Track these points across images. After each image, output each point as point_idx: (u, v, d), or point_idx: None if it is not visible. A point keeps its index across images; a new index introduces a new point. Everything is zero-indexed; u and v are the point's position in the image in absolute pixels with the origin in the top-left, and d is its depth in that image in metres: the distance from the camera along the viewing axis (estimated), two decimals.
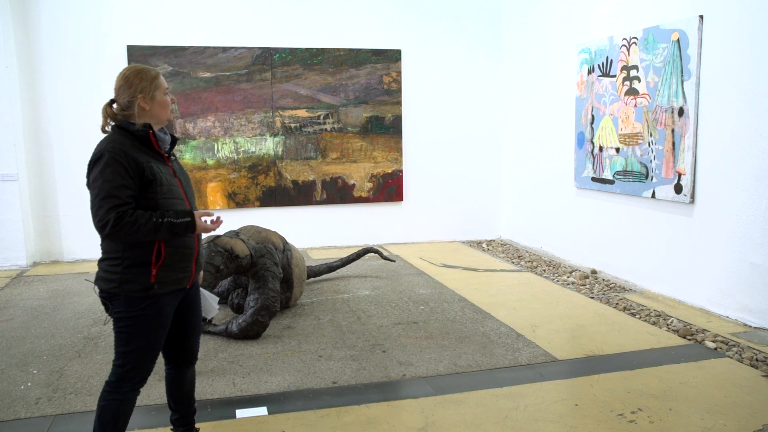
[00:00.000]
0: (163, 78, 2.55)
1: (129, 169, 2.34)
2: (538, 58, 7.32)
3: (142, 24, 7.08)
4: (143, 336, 2.45)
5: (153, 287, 2.41)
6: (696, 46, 4.87)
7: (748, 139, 4.52)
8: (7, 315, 5.06)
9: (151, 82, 2.48)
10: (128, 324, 2.42)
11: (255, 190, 7.55)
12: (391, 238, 8.05)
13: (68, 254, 7.16)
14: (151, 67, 2.57)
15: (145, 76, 2.48)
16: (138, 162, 2.37)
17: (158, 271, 2.42)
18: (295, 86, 7.53)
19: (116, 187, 2.31)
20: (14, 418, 3.24)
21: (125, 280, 2.39)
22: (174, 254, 2.46)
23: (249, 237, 4.80)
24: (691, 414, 3.18)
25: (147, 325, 2.44)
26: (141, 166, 2.37)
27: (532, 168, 7.58)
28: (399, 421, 3.15)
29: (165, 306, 2.48)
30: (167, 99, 2.55)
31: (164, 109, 2.53)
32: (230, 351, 4.17)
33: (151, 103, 2.48)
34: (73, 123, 6.93)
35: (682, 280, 5.22)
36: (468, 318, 4.84)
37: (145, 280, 2.40)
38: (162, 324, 2.49)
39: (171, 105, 2.58)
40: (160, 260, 2.41)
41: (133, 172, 2.35)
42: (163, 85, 2.53)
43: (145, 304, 2.42)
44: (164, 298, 2.47)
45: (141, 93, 2.46)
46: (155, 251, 2.41)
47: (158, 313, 2.46)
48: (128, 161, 2.34)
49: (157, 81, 2.50)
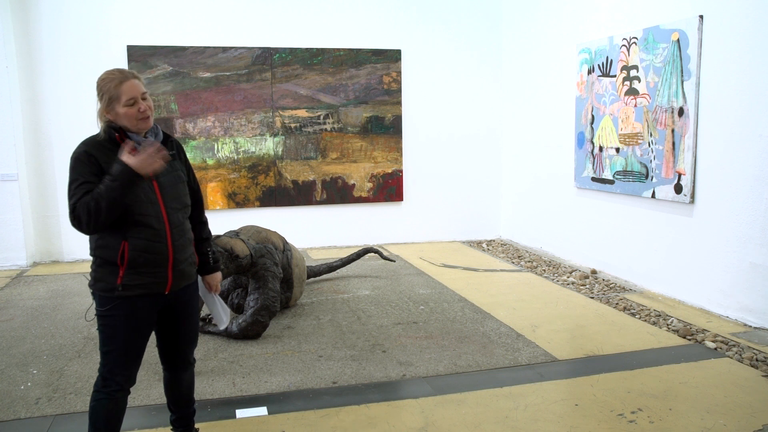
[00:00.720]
0: (131, 85, 2.40)
1: (92, 164, 2.35)
2: (538, 58, 7.32)
3: (142, 24, 7.08)
4: (117, 337, 2.44)
5: (118, 288, 2.40)
6: (696, 46, 4.87)
7: (748, 139, 4.52)
8: (7, 315, 5.06)
9: (109, 93, 2.39)
10: (102, 324, 2.45)
11: (255, 190, 7.55)
12: (391, 238, 8.05)
13: (68, 254, 7.16)
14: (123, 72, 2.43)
15: (105, 86, 2.40)
16: (99, 162, 2.35)
17: (125, 273, 2.40)
18: (295, 86, 7.53)
19: (79, 184, 2.33)
20: (14, 418, 3.24)
21: (97, 278, 2.44)
22: (138, 258, 2.40)
23: (249, 237, 4.79)
24: (691, 414, 3.18)
25: (118, 326, 2.43)
26: (101, 167, 2.35)
27: (532, 168, 7.58)
28: (399, 421, 3.15)
29: (138, 309, 2.45)
30: (130, 110, 2.39)
31: (129, 119, 2.41)
32: (230, 351, 4.17)
33: (113, 114, 2.42)
34: (73, 123, 6.92)
35: (682, 280, 5.22)
36: (468, 318, 4.84)
37: (112, 280, 2.40)
38: (135, 327, 2.46)
39: (140, 114, 2.41)
40: (124, 262, 2.39)
41: (96, 169, 2.35)
42: (124, 95, 2.38)
43: (113, 304, 2.41)
44: (136, 301, 2.44)
45: (101, 103, 2.42)
46: (119, 253, 2.38)
47: (130, 315, 2.43)
48: (90, 159, 2.35)
49: (116, 91, 2.38)
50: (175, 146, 2.65)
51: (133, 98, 2.40)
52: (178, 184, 2.57)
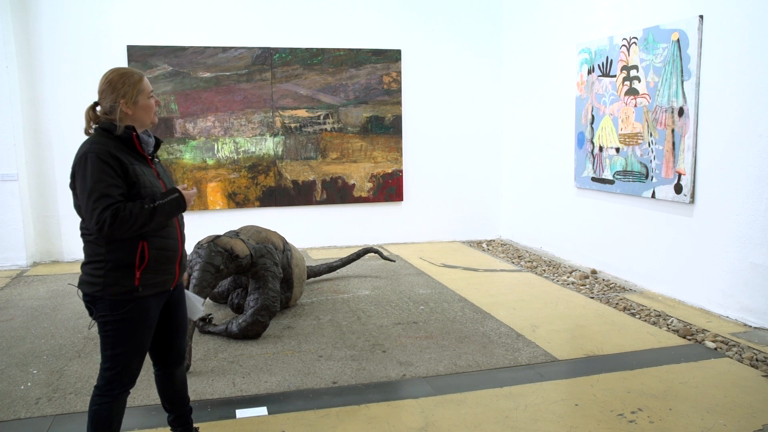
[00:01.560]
0: (147, 81, 2.51)
1: (115, 168, 2.33)
2: (538, 58, 7.32)
3: (142, 24, 7.08)
4: (129, 339, 2.42)
5: (137, 290, 2.39)
6: (696, 46, 4.87)
7: (748, 139, 4.52)
8: (7, 315, 5.06)
9: (134, 87, 2.44)
10: (114, 327, 2.40)
11: (255, 190, 7.55)
12: (391, 238, 8.05)
13: (68, 254, 7.16)
14: (136, 70, 2.52)
15: (128, 80, 2.44)
16: (122, 162, 2.35)
17: (142, 274, 2.39)
18: (295, 86, 7.53)
19: (107, 186, 2.30)
20: (14, 418, 3.24)
21: (109, 283, 2.37)
22: (157, 256, 2.44)
23: (249, 237, 4.79)
24: (691, 414, 3.18)
25: (132, 327, 2.42)
26: (125, 167, 2.36)
27: (532, 168, 7.58)
28: (399, 421, 3.15)
29: (150, 308, 2.46)
30: (151, 102, 2.51)
31: (148, 113, 2.50)
32: (230, 351, 4.17)
33: (134, 108, 2.45)
34: (73, 123, 6.91)
35: (682, 280, 5.22)
36: (468, 318, 4.84)
37: (129, 282, 2.38)
38: (147, 326, 2.48)
39: (155, 108, 2.54)
40: (144, 263, 2.39)
41: (120, 171, 2.34)
42: (146, 88, 2.49)
43: (130, 306, 2.39)
44: (149, 301, 2.45)
45: (123, 98, 2.42)
46: (138, 254, 2.38)
47: (143, 315, 2.44)
48: (113, 160, 2.33)
49: (140, 85, 2.46)
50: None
51: (152, 91, 2.54)
52: (171, 182, 2.69)
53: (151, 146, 2.56)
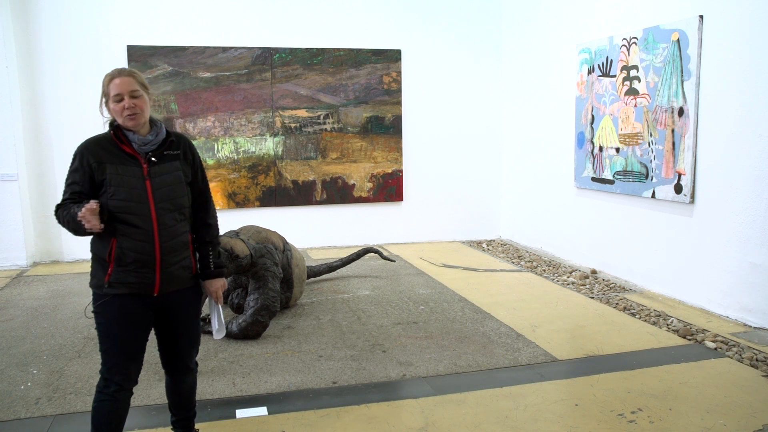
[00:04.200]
0: (116, 83, 2.42)
1: (84, 165, 2.42)
2: (538, 58, 7.32)
3: (142, 24, 7.08)
4: (109, 336, 2.46)
5: (106, 285, 2.44)
6: (696, 46, 4.87)
7: (748, 139, 4.52)
8: (7, 315, 5.06)
9: (104, 88, 2.48)
10: (97, 321, 2.49)
11: (255, 190, 7.55)
12: (391, 238, 8.05)
13: (68, 254, 7.16)
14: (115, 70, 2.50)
15: (104, 82, 2.48)
16: (92, 161, 2.41)
17: (113, 270, 2.42)
18: (295, 86, 7.53)
19: (70, 183, 2.45)
20: (14, 418, 3.24)
21: (92, 275, 2.51)
22: (124, 256, 2.41)
23: (249, 237, 4.79)
24: (691, 414, 3.18)
25: (110, 324, 2.45)
26: (91, 166, 2.41)
27: (532, 168, 7.58)
28: (399, 421, 3.15)
29: (127, 308, 2.45)
30: (118, 106, 2.42)
31: (116, 115, 2.45)
32: (230, 351, 4.17)
33: (109, 111, 2.50)
34: (73, 123, 6.92)
35: (682, 280, 5.22)
36: (468, 318, 4.84)
37: (102, 276, 2.45)
38: (125, 326, 2.45)
39: (124, 111, 2.41)
40: (111, 260, 2.42)
41: (86, 169, 2.42)
42: (110, 91, 2.43)
43: (103, 301, 2.45)
44: (124, 300, 2.44)
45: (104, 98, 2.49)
46: (109, 250, 2.43)
47: (119, 314, 2.44)
48: (83, 159, 2.42)
49: (106, 88, 2.46)
50: (182, 146, 2.60)
51: (120, 95, 2.42)
52: (175, 185, 2.52)
53: (151, 145, 2.48)
